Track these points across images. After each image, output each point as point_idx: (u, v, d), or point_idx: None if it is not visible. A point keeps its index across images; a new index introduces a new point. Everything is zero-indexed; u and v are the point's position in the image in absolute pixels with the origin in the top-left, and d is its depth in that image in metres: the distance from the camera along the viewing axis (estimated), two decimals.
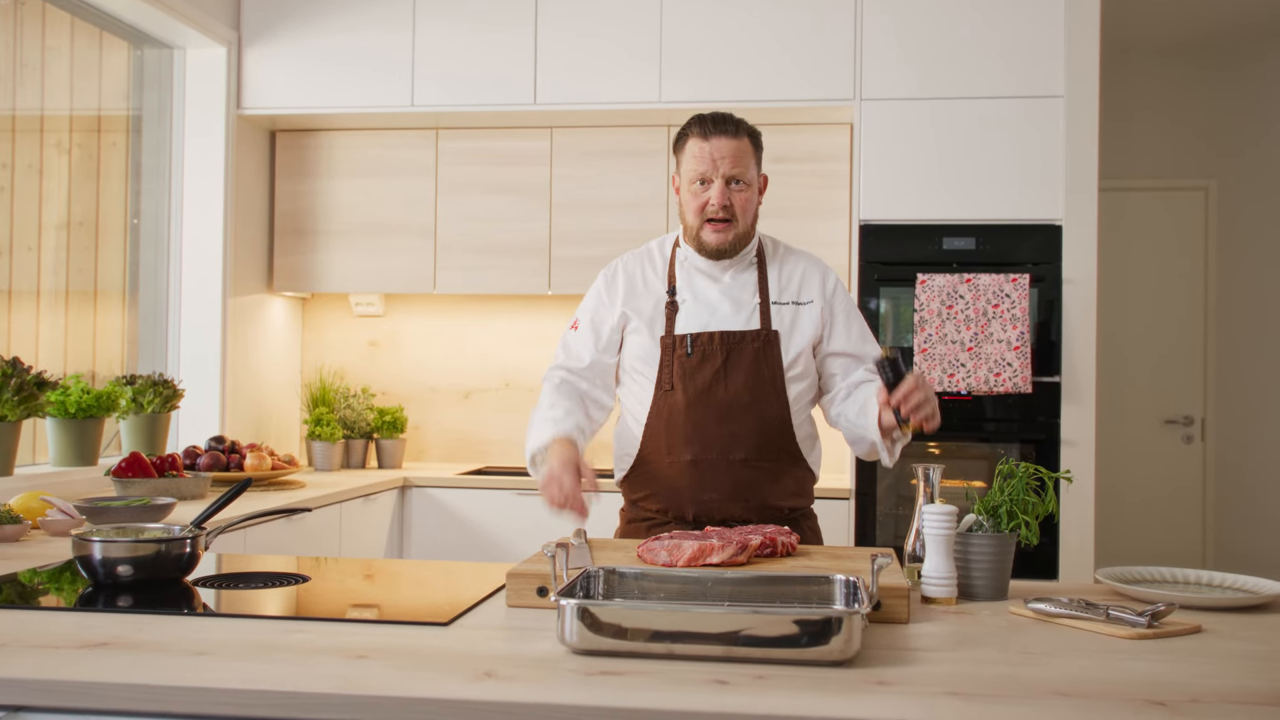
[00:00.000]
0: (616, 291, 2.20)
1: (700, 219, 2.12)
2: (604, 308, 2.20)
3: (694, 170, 2.11)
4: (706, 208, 2.10)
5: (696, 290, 2.17)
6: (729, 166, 2.08)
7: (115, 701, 1.18)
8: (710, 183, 2.10)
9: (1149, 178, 5.27)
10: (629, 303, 2.18)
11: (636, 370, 2.17)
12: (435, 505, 3.80)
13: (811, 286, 2.19)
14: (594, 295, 2.24)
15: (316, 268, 4.12)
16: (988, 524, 1.67)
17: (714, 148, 2.09)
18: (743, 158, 2.10)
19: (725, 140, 2.09)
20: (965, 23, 3.63)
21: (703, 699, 1.12)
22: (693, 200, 2.12)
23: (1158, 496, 5.24)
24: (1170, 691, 1.17)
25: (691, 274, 2.19)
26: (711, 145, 2.09)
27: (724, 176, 2.09)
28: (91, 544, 1.68)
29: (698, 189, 2.11)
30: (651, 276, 2.21)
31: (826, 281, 2.21)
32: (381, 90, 3.90)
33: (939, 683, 1.20)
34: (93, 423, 3.04)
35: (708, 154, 2.09)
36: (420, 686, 1.17)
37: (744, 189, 2.11)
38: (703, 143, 2.10)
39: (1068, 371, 3.53)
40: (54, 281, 3.40)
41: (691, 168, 2.11)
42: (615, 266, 2.25)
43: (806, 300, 2.18)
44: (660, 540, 1.73)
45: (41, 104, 3.36)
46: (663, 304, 2.17)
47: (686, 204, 2.14)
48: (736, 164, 2.09)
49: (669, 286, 2.18)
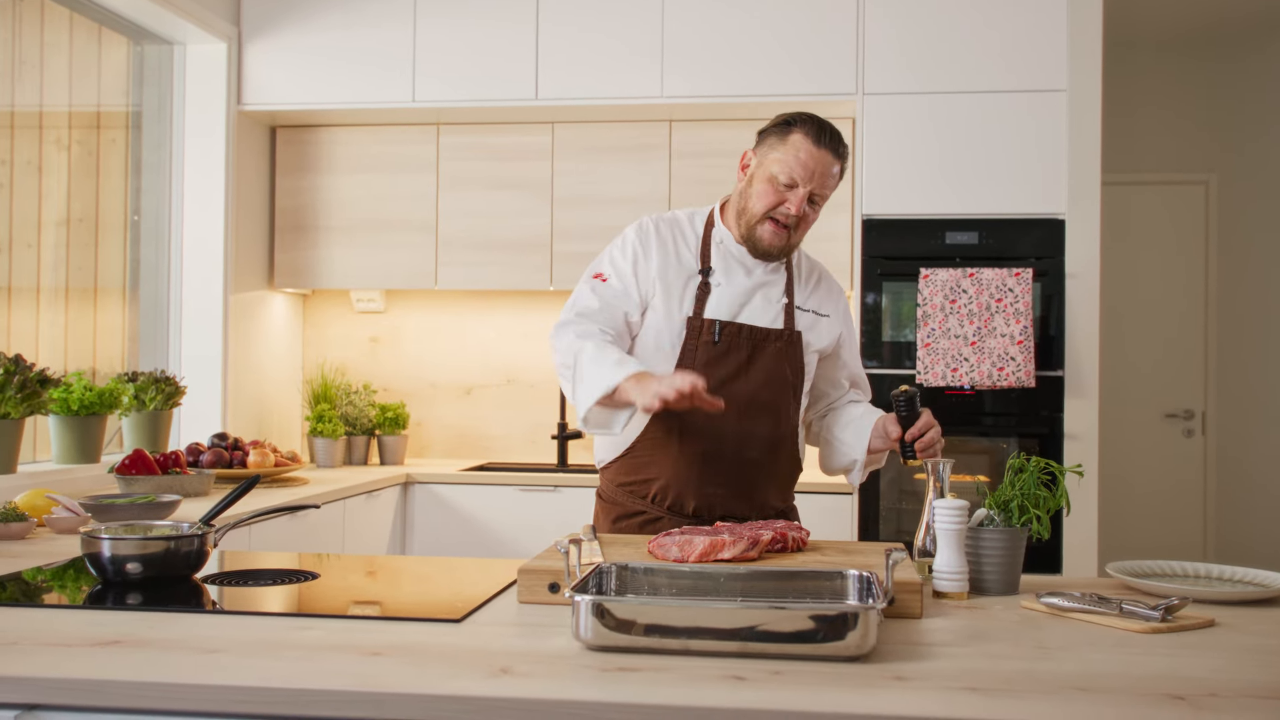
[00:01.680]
0: (651, 254, 2.08)
1: (766, 215, 2.04)
2: (641, 264, 2.07)
3: (788, 169, 2.01)
4: (780, 208, 2.03)
5: (731, 276, 2.09)
6: (820, 183, 2.02)
7: (131, 700, 1.17)
8: (796, 188, 2.02)
9: (1151, 171, 5.27)
10: (662, 273, 2.07)
11: (653, 345, 2.08)
12: (438, 501, 3.80)
13: (829, 302, 2.19)
14: (629, 249, 2.09)
15: (317, 264, 4.10)
16: (999, 518, 1.67)
17: (819, 159, 2.01)
18: (834, 180, 2.05)
19: (831, 157, 2.02)
20: (967, 17, 3.62)
21: (720, 695, 1.12)
22: (770, 194, 2.03)
23: (1159, 490, 5.25)
24: (1188, 686, 1.17)
25: (727, 258, 2.10)
26: (819, 156, 2.00)
27: (811, 190, 2.02)
28: (101, 541, 1.67)
29: (780, 188, 2.02)
30: (684, 250, 2.11)
31: (841, 302, 2.22)
32: (382, 86, 3.88)
33: (957, 678, 1.19)
34: (95, 420, 3.03)
35: (811, 162, 2.00)
36: (436, 683, 1.16)
37: (816, 209, 2.07)
38: (813, 148, 2.00)
39: (1070, 365, 3.53)
40: (54, 278, 3.39)
41: (786, 165, 2.01)
42: (647, 227, 2.12)
43: (825, 313, 2.17)
44: (671, 536, 1.72)
45: (41, 100, 3.35)
46: (694, 282, 2.08)
47: (759, 194, 2.04)
48: (827, 183, 2.03)
49: (703, 265, 2.10)
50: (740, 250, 2.12)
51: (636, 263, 2.08)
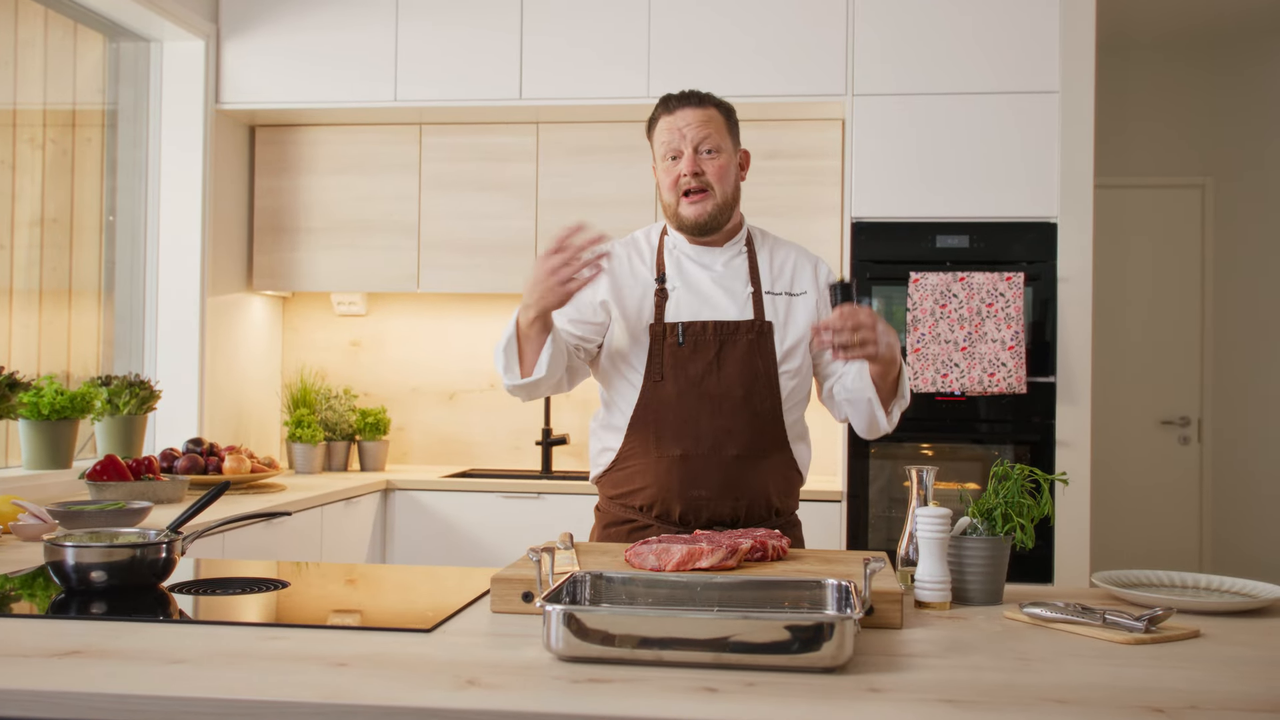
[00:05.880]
0: (598, 280, 2.10)
1: (676, 194, 2.07)
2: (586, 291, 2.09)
3: (664, 146, 2.07)
4: (680, 180, 2.06)
5: (688, 278, 2.11)
6: (695, 133, 2.05)
7: (86, 712, 1.14)
8: (680, 155, 2.06)
9: (1145, 174, 5.26)
10: (613, 293, 2.11)
11: (621, 362, 2.10)
12: (419, 508, 3.75)
13: (804, 277, 2.15)
14: None
15: (297, 266, 4.06)
16: (982, 527, 1.65)
17: (680, 120, 2.06)
18: (711, 124, 2.06)
19: (690, 110, 2.06)
20: (959, 17, 3.60)
21: (691, 707, 1.10)
22: (666, 177, 2.08)
23: (1154, 498, 5.22)
24: (1168, 698, 1.14)
25: (681, 261, 2.13)
26: (677, 118, 2.06)
27: (692, 145, 2.05)
28: (64, 549, 1.64)
29: (670, 165, 2.08)
30: (639, 265, 2.15)
31: (819, 271, 2.17)
32: (364, 84, 3.85)
33: (933, 690, 1.17)
34: (66, 424, 2.98)
35: (675, 126, 2.06)
36: (400, 695, 1.14)
37: (716, 155, 2.06)
38: (669, 117, 2.07)
39: (1063, 372, 3.51)
40: (27, 280, 3.34)
41: (661, 143, 2.08)
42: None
43: (799, 291, 2.13)
44: (648, 544, 1.69)
45: (14, 98, 3.30)
46: (651, 292, 2.10)
47: (662, 183, 2.10)
48: (703, 130, 2.05)
49: (658, 274, 2.12)
50: (694, 250, 2.13)
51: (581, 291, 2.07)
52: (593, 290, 2.10)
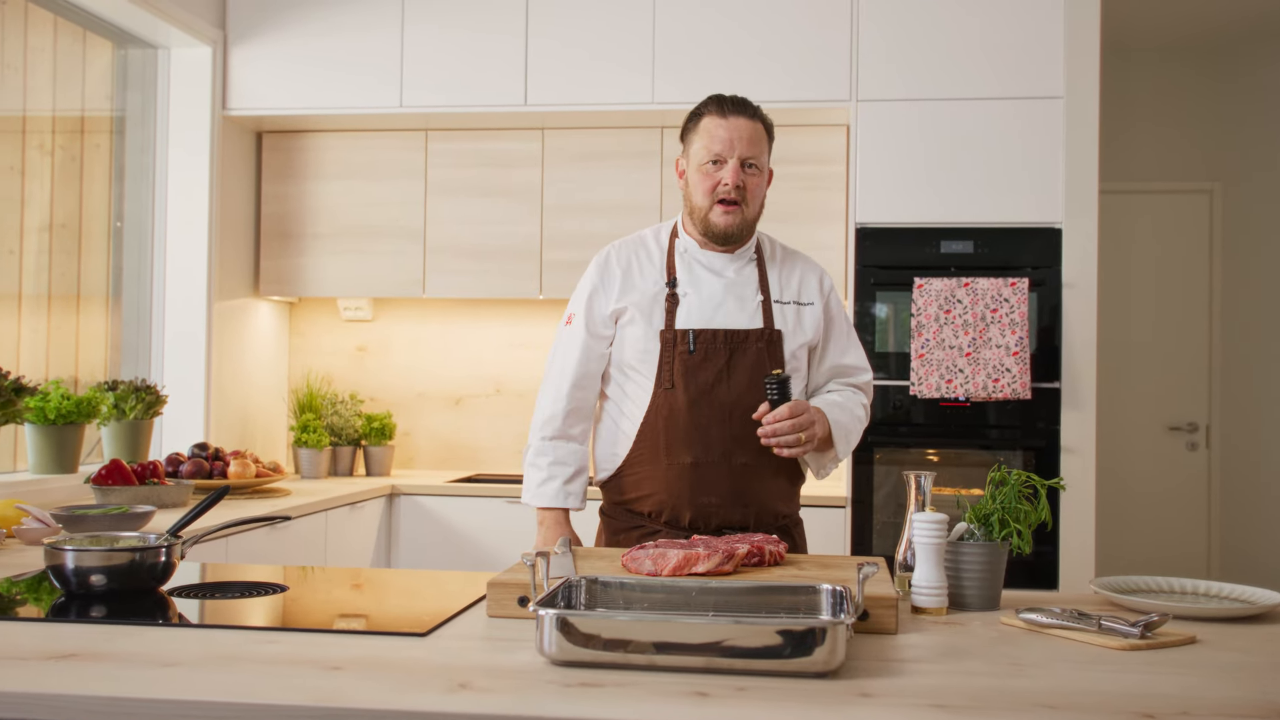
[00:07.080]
0: (613, 282, 2.12)
1: (711, 200, 2.05)
2: (599, 296, 2.12)
3: (708, 149, 2.05)
4: (719, 188, 2.04)
5: (699, 283, 2.10)
6: (745, 148, 2.04)
7: (79, 714, 1.15)
8: (724, 163, 2.04)
9: (1153, 180, 5.23)
10: (626, 296, 2.10)
11: (630, 366, 2.10)
12: (424, 513, 3.76)
13: (811, 288, 2.16)
14: (586, 284, 2.15)
15: (303, 271, 4.08)
16: (979, 532, 1.64)
17: (732, 127, 2.04)
18: (758, 141, 2.06)
19: (743, 121, 2.04)
20: (963, 23, 3.60)
21: (683, 712, 1.10)
22: (704, 180, 2.06)
23: (1162, 504, 5.18)
24: (1160, 704, 1.14)
25: (693, 266, 2.12)
26: (730, 124, 2.04)
27: (739, 157, 2.03)
28: (64, 553, 1.65)
29: (710, 169, 2.05)
30: (648, 266, 2.13)
31: (824, 284, 2.18)
32: (369, 91, 3.86)
33: (924, 695, 1.17)
34: (73, 429, 2.99)
35: (725, 133, 2.03)
36: (393, 698, 1.14)
37: (756, 174, 2.07)
38: (720, 121, 2.04)
39: (1068, 377, 3.49)
40: (36, 285, 3.36)
41: (705, 146, 2.05)
42: (607, 254, 2.16)
43: (807, 301, 2.14)
44: (645, 549, 1.69)
45: (24, 105, 3.33)
46: (662, 296, 2.09)
47: (696, 185, 2.07)
48: (752, 146, 2.05)
49: (669, 278, 2.11)
50: (706, 255, 2.12)
51: (594, 296, 2.13)
52: (604, 299, 2.11)
